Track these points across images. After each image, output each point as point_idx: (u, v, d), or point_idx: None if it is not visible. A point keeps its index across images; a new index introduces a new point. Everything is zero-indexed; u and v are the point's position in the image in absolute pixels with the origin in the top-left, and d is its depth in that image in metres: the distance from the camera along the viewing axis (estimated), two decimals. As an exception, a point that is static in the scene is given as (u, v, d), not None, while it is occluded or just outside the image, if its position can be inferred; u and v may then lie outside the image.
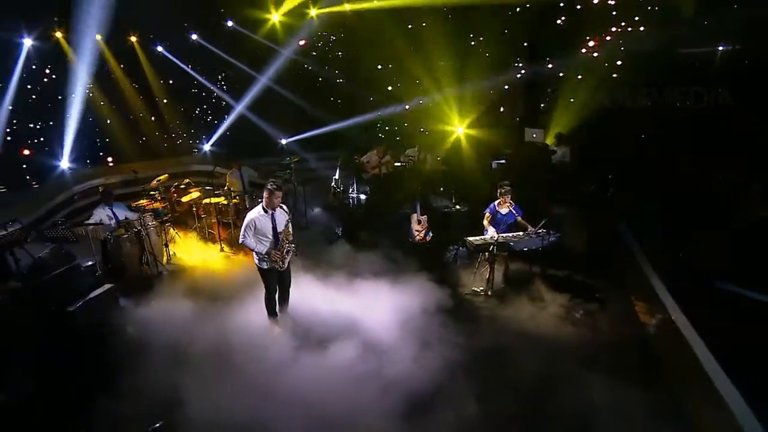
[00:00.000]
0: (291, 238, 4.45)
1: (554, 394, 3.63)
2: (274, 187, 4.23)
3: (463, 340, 4.30)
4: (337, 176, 8.31)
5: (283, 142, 11.34)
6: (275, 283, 4.49)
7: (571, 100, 8.67)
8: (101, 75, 9.48)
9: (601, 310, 4.97)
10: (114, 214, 5.93)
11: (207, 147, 10.85)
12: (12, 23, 8.31)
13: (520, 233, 5.30)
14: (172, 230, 6.63)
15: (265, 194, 4.26)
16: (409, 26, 10.14)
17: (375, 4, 9.71)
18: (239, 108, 10.59)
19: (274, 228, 4.29)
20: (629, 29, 8.33)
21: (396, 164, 8.14)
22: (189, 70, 10.47)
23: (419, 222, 6.54)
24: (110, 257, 5.62)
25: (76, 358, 3.88)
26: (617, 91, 8.14)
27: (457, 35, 9.80)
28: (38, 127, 8.92)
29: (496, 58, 9.46)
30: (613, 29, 8.50)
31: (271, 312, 4.60)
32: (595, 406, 3.44)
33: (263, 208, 4.27)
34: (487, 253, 5.32)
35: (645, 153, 7.64)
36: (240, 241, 4.31)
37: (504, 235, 5.27)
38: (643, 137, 7.91)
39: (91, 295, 4.39)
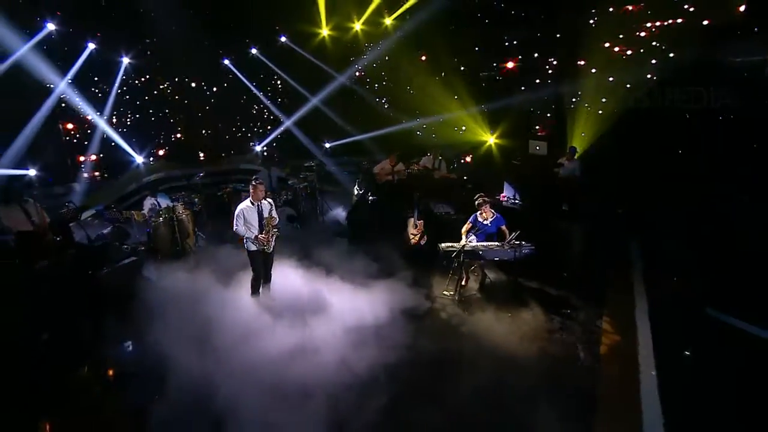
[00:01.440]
0: (275, 223, 5.23)
1: (479, 404, 3.75)
2: (258, 182, 5.04)
3: (409, 341, 4.63)
4: (357, 186, 9.12)
5: (327, 146, 12.46)
6: (260, 266, 5.27)
7: (603, 100, 8.41)
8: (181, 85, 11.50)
9: (564, 326, 4.94)
10: (158, 202, 7.29)
11: (258, 148, 12.31)
12: (115, 46, 10.47)
13: (492, 243, 5.47)
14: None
15: (251, 189, 5.09)
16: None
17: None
18: (289, 116, 11.98)
19: (260, 216, 5.10)
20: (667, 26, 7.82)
21: (408, 170, 8.62)
22: (246, 82, 12.02)
23: (415, 226, 6.93)
24: (150, 237, 6.95)
25: (98, 308, 5.07)
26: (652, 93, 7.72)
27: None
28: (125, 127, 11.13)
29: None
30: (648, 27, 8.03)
31: (255, 291, 5.38)
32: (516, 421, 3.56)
33: (251, 201, 5.10)
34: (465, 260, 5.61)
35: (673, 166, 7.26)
36: (233, 229, 5.17)
37: (474, 243, 5.48)
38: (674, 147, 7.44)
39: (117, 264, 5.61)
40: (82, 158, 10.05)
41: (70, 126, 10.10)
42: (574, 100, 8.96)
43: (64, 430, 3.68)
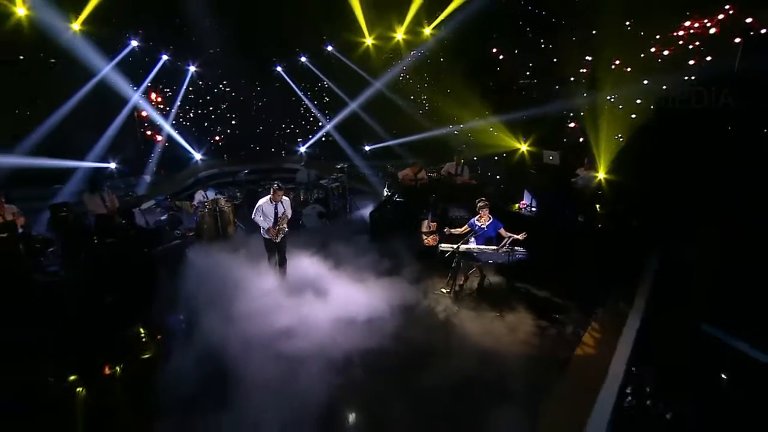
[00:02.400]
0: (285, 224, 6.12)
1: (443, 387, 4.20)
2: (277, 187, 5.96)
3: (397, 329, 5.21)
4: (386, 188, 9.83)
5: (367, 148, 13.33)
6: (272, 251, 6.24)
7: (638, 101, 8.35)
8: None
9: (547, 329, 5.24)
10: (206, 195, 8.51)
11: (302, 149, 13.45)
12: (183, 55, 12.11)
13: (487, 247, 5.87)
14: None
15: (271, 191, 6.01)
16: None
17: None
18: (330, 120, 13.04)
19: (276, 213, 6.01)
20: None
21: (431, 174, 9.15)
22: (295, 87, 13.21)
23: (428, 227, 7.47)
24: (197, 224, 8.17)
25: (148, 278, 6.25)
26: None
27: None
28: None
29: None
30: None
31: (270, 267, 6.34)
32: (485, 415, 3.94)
33: (270, 199, 6.02)
34: (461, 261, 6.09)
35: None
36: (251, 217, 6.14)
37: (468, 246, 5.92)
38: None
39: (167, 245, 6.80)
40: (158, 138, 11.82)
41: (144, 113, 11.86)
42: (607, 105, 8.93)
43: (123, 365, 4.77)
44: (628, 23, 8.79)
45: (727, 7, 7.55)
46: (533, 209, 7.78)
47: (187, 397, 4.02)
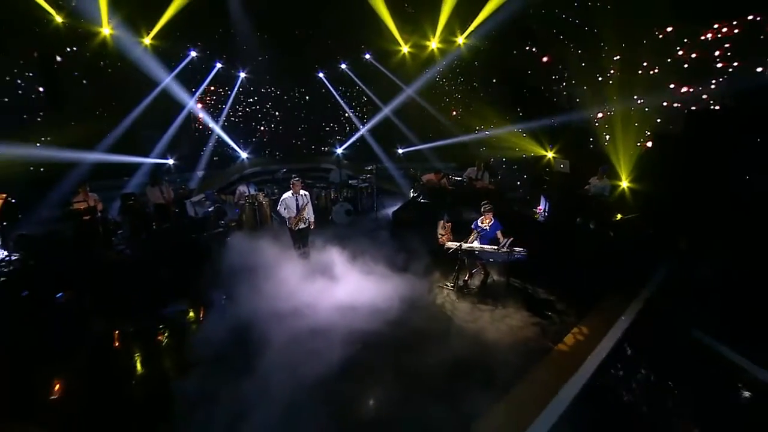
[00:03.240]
0: (307, 214, 7.12)
1: (435, 371, 4.79)
2: (297, 180, 6.93)
3: (398, 314, 5.94)
4: (413, 189, 10.63)
5: (400, 151, 14.16)
6: (296, 238, 7.27)
7: (664, 102, 8.53)
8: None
9: (537, 323, 5.77)
10: (248, 189, 9.70)
11: (339, 151, 14.49)
12: (234, 63, 13.55)
13: (488, 246, 6.48)
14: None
15: (291, 184, 7.01)
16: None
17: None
18: (365, 125, 13.99)
19: (297, 204, 6.99)
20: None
21: (455, 178, 9.79)
22: (335, 93, 14.28)
23: (444, 227, 8.14)
24: (238, 216, 9.36)
25: (195, 259, 7.44)
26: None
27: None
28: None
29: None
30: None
31: (295, 250, 7.37)
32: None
33: (292, 192, 7.00)
34: (465, 258, 6.76)
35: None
36: (276, 208, 7.15)
37: (469, 245, 6.55)
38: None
39: (211, 232, 7.98)
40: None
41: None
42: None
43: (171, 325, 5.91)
44: (657, 31, 8.98)
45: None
46: (545, 213, 8.24)
47: (220, 352, 5.04)
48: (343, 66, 14.10)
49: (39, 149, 8.64)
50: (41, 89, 9.33)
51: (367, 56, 13.69)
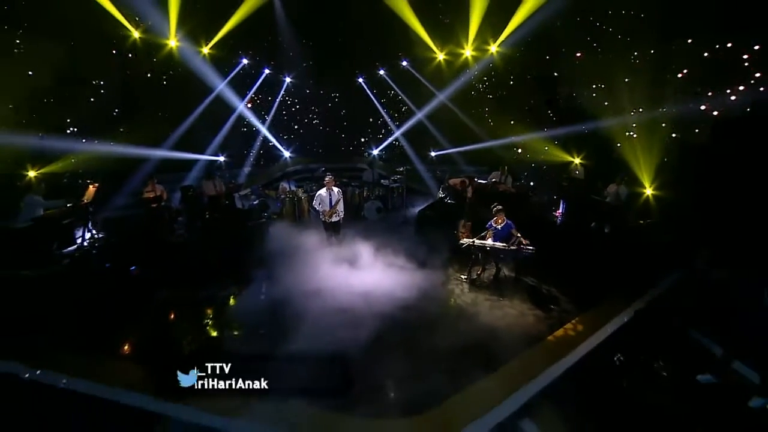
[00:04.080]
0: (339, 208, 8.09)
1: (440, 347, 5.62)
2: (329, 177, 7.97)
3: (417, 300, 6.79)
4: (441, 190, 11.42)
5: (432, 154, 14.97)
6: (328, 230, 8.25)
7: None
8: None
9: (537, 314, 6.42)
10: (289, 186, 10.89)
11: (375, 152, 15.49)
12: (280, 68, 14.87)
13: (498, 243, 7.18)
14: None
15: (324, 182, 8.02)
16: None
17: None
18: (399, 128, 14.94)
19: (330, 199, 8.00)
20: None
21: (481, 181, 10.46)
22: (372, 97, 15.30)
23: (464, 226, 8.89)
24: (279, 209, 10.56)
25: (242, 244, 8.65)
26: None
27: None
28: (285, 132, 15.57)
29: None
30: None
31: (327, 240, 8.37)
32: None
33: (326, 189, 8.02)
34: (478, 254, 7.51)
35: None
36: (312, 203, 8.19)
37: (481, 241, 7.29)
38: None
39: (255, 222, 9.19)
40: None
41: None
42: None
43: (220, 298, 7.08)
44: (690, 40, 9.23)
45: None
46: (563, 216, 8.78)
47: (258, 319, 6.13)
48: (382, 72, 15.06)
49: (116, 147, 10.22)
50: (119, 96, 10.98)
51: (404, 63, 14.56)
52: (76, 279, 6.82)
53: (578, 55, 11.16)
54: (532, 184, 11.09)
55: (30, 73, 8.93)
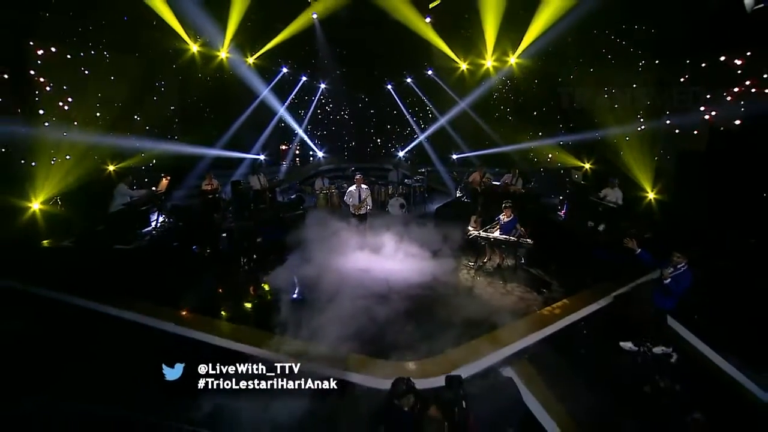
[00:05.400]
0: (367, 203, 9.57)
1: (441, 315, 7.13)
2: (359, 176, 9.51)
3: (428, 281, 8.22)
4: (459, 190, 12.79)
5: (454, 157, 16.31)
6: (357, 221, 9.80)
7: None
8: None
9: (531, 297, 7.71)
10: (324, 183, 12.52)
11: (401, 154, 16.96)
12: (315, 75, 16.55)
13: (498, 235, 8.50)
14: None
15: (354, 179, 9.56)
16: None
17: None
18: (423, 132, 16.37)
19: (359, 195, 9.52)
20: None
21: (494, 182, 11.76)
22: (400, 103, 16.78)
23: (475, 221, 10.23)
24: (314, 203, 12.19)
25: (279, 232, 10.28)
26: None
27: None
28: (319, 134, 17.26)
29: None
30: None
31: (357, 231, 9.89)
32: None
33: (355, 186, 9.56)
34: (484, 244, 8.86)
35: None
36: (344, 198, 9.73)
37: (485, 233, 8.62)
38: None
39: (293, 213, 10.84)
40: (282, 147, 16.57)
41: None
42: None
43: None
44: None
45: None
46: (565, 216, 9.99)
47: (297, 293, 7.72)
48: (409, 80, 16.52)
49: (178, 146, 12.11)
50: (180, 102, 12.91)
51: (430, 72, 15.96)
52: (154, 253, 8.61)
53: (582, 67, 12.23)
54: (536, 185, 12.19)
55: (112, 79, 10.80)
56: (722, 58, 9.43)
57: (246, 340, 6.18)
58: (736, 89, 9.34)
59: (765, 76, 8.84)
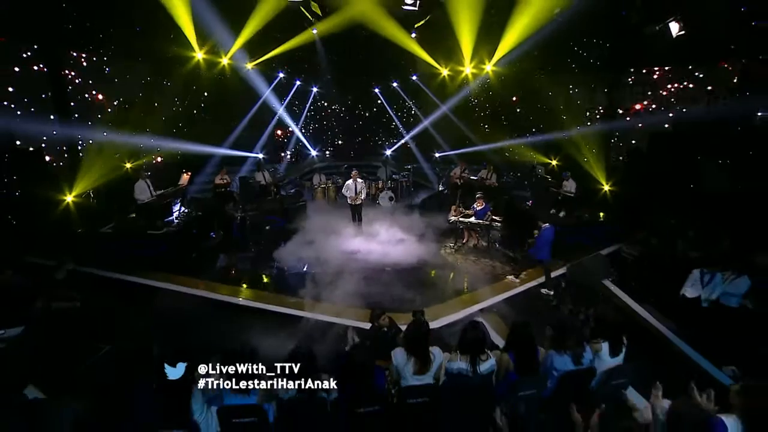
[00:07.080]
0: (362, 194, 11.25)
1: (426, 282, 8.93)
2: (355, 171, 11.18)
3: (414, 259, 9.94)
4: (441, 184, 14.60)
5: (437, 155, 18.11)
6: (353, 210, 11.42)
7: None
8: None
9: (501, 271, 9.52)
10: (321, 178, 14.15)
11: (388, 152, 18.68)
12: (309, 80, 18.12)
13: (473, 220, 10.31)
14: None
15: (351, 174, 11.22)
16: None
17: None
18: (408, 132, 18.14)
19: (356, 188, 11.18)
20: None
21: (472, 177, 13.58)
22: (386, 106, 18.50)
23: (455, 211, 12.02)
24: (312, 196, 13.81)
25: (286, 217, 11.88)
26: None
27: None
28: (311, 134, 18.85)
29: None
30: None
31: (352, 220, 11.54)
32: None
33: (352, 180, 11.22)
34: (462, 228, 10.66)
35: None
36: (341, 191, 11.41)
37: (460, 218, 10.43)
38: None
39: (295, 204, 12.46)
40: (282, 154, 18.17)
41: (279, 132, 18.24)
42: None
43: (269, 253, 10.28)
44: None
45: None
46: (531, 205, 11.88)
47: (295, 273, 9.36)
48: (395, 84, 18.22)
49: (190, 145, 13.58)
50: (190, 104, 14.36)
51: (414, 77, 17.70)
52: (178, 238, 10.14)
53: (548, 75, 14.17)
54: (509, 179, 14.10)
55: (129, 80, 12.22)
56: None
57: (260, 299, 7.93)
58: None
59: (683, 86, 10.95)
